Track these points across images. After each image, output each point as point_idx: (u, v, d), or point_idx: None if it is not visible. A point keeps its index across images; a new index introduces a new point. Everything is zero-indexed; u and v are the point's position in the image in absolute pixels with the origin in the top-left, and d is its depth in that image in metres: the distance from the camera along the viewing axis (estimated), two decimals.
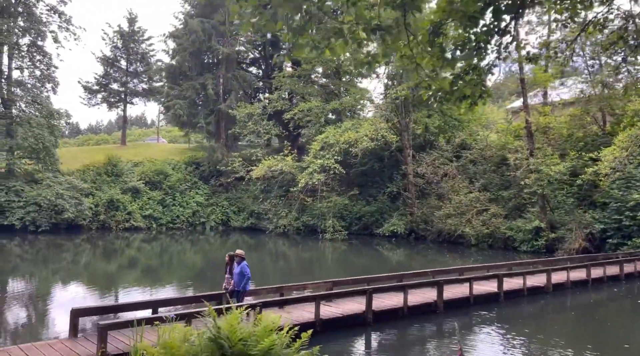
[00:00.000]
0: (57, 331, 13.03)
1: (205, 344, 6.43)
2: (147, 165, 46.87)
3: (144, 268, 28.68)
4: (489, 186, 39.14)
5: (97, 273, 25.91)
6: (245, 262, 12.63)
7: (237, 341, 6.16)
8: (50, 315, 16.38)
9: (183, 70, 48.58)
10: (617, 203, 30.93)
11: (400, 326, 14.16)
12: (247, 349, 6.07)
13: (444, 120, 41.01)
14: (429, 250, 36.46)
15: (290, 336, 6.49)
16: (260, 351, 5.99)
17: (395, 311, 14.36)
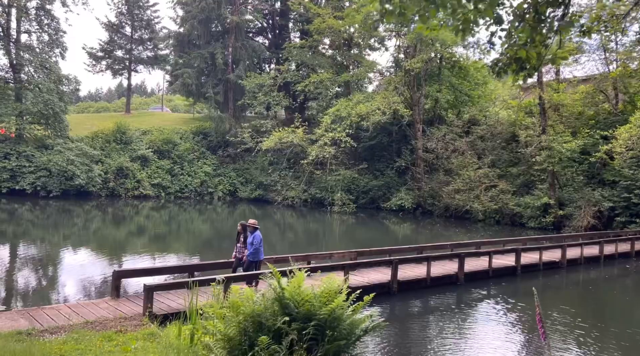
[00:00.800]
0: (73, 294, 13.37)
1: (270, 304, 6.63)
2: (155, 133, 46.81)
3: (153, 235, 29.01)
4: (497, 162, 39.28)
5: (109, 239, 26.23)
6: (258, 231, 12.46)
7: (304, 302, 6.36)
8: (68, 279, 16.68)
9: (191, 38, 47.97)
10: (627, 182, 31.13)
11: (424, 296, 14.49)
12: (314, 310, 6.27)
13: (454, 95, 40.84)
14: (436, 225, 36.78)
15: (352, 300, 6.71)
16: (328, 312, 6.19)
17: (418, 281, 14.65)
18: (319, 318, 6.15)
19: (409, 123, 39.51)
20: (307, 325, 6.16)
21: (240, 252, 12.65)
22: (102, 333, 8.56)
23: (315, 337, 6.20)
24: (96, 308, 10.14)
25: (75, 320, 9.30)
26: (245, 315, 6.53)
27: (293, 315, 6.35)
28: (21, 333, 8.45)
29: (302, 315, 6.30)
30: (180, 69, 46.88)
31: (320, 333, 6.15)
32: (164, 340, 8.25)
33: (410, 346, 10.51)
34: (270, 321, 6.47)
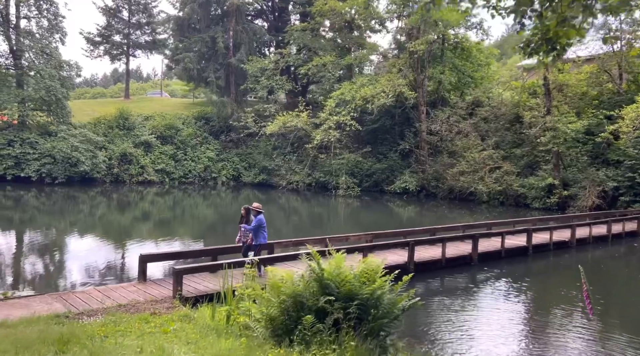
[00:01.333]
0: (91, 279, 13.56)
1: (310, 284, 6.78)
2: (157, 119, 46.70)
3: (159, 221, 29.22)
4: (501, 144, 39.38)
5: (118, 226, 26.46)
6: (262, 215, 12.21)
7: (345, 283, 6.51)
8: (85, 264, 16.87)
9: (192, 22, 47.54)
10: (632, 161, 31.31)
11: (439, 276, 14.73)
12: (355, 290, 6.42)
13: (458, 76, 40.77)
14: (440, 207, 37.02)
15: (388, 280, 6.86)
16: (370, 291, 6.34)
17: (434, 262, 14.86)
18: (361, 297, 6.31)
19: (412, 105, 39.46)
20: (350, 304, 6.32)
21: (245, 235, 12.53)
22: (137, 316, 8.73)
23: (357, 316, 6.36)
24: (126, 292, 10.31)
25: (108, 303, 9.47)
26: (286, 295, 6.69)
27: (334, 295, 6.50)
28: (59, 316, 8.61)
29: (344, 294, 6.46)
30: (181, 54, 46.54)
31: (363, 312, 6.31)
32: (199, 321, 8.43)
33: (431, 323, 10.77)
34: (310, 301, 6.63)
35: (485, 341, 9.88)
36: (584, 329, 10.66)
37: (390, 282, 6.86)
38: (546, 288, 14.83)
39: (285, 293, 6.69)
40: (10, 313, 8.64)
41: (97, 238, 21.97)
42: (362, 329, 6.26)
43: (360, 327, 6.32)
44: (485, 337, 10.11)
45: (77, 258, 17.06)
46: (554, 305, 12.54)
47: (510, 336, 10.36)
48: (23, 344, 6.75)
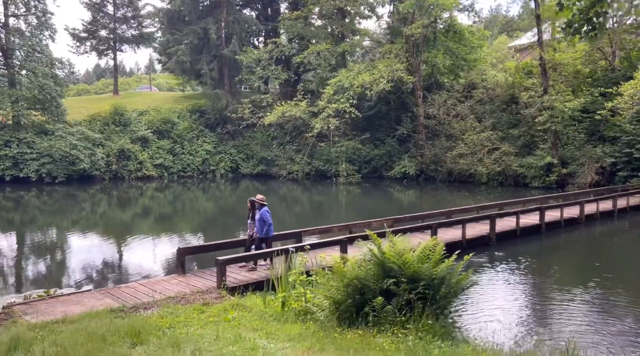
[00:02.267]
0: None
1: (372, 268, 7.02)
2: (152, 114, 46.42)
3: (162, 216, 29.38)
4: (497, 125, 39.82)
5: (123, 222, 26.49)
6: (266, 207, 11.92)
7: (409, 265, 6.75)
8: (112, 260, 17.00)
9: (182, 14, 47.11)
10: (629, 137, 31.91)
11: (461, 256, 15.05)
12: (420, 271, 6.67)
13: (452, 60, 41.01)
14: (440, 190, 37.46)
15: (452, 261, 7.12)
16: (436, 272, 6.60)
17: (455, 244, 15.15)
18: (429, 278, 6.56)
19: (409, 90, 39.67)
20: (417, 285, 6.56)
21: (251, 229, 12.23)
22: (190, 306, 8.92)
23: (423, 296, 6.61)
24: (170, 285, 10.49)
25: (157, 297, 9.64)
26: (350, 279, 6.91)
27: (399, 277, 6.74)
28: (114, 310, 8.78)
29: (409, 276, 6.69)
30: (173, 47, 46.16)
31: (431, 292, 6.56)
32: (254, 309, 8.64)
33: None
34: (373, 284, 6.86)
35: (516, 311, 10.31)
36: (600, 300, 11.14)
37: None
38: (564, 263, 15.27)
39: (349, 277, 6.92)
40: (66, 309, 8.79)
41: (107, 235, 22.01)
42: (433, 308, 6.52)
43: (430, 306, 6.57)
44: (516, 309, 10.54)
45: (98, 256, 17.19)
46: (576, 279, 12.97)
47: (538, 306, 10.78)
48: (97, 337, 6.92)
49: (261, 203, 11.90)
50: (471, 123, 39.21)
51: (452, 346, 5.73)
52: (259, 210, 11.81)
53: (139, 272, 14.01)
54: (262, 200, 12.00)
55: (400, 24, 41.15)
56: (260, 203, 11.90)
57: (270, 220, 11.80)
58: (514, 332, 8.36)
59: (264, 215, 11.70)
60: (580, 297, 11.46)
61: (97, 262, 16.24)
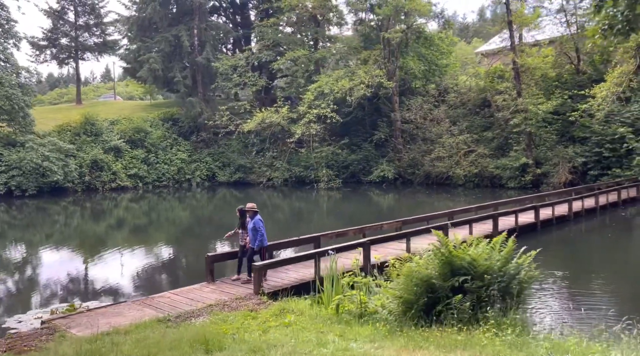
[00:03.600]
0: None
1: (439, 266, 7.14)
2: (124, 123, 45.37)
3: (141, 227, 28.68)
4: (471, 128, 40.86)
5: (107, 235, 25.74)
6: (258, 216, 11.29)
7: (479, 262, 6.90)
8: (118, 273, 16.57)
9: (153, 21, 46.31)
10: (598, 137, 33.36)
11: None
12: (492, 267, 6.82)
13: (426, 65, 41.90)
14: (419, 193, 38.10)
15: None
16: (512, 267, 6.77)
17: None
18: (500, 274, 6.72)
19: (385, 96, 40.26)
20: (490, 282, 6.72)
21: (242, 238, 11.58)
22: (238, 313, 8.81)
23: (498, 292, 6.77)
24: (203, 293, 10.33)
25: (197, 305, 9.47)
26: (419, 279, 7.01)
27: (470, 275, 6.88)
28: (161, 320, 8.59)
29: (480, 273, 6.84)
30: (144, 54, 45.28)
31: (505, 288, 6.73)
32: (305, 312, 8.61)
33: None
34: (443, 282, 6.98)
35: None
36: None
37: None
38: (567, 258, 15.87)
39: (418, 277, 7.01)
40: (110, 321, 8.53)
41: (82, 249, 21.39)
42: (507, 303, 6.69)
43: (504, 302, 6.74)
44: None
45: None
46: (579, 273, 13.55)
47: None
48: (164, 346, 6.78)
49: (253, 211, 11.33)
50: (447, 127, 40.09)
51: (551, 340, 5.87)
52: (252, 218, 11.24)
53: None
54: (254, 208, 11.42)
55: (371, 30, 41.70)
56: (252, 211, 11.34)
57: (263, 229, 11.20)
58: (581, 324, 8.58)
59: (257, 224, 11.07)
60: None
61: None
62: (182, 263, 19.02)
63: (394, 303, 7.23)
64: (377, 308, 7.60)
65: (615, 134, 32.10)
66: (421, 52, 42.19)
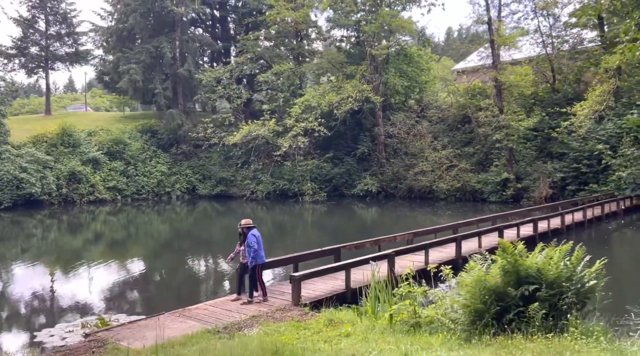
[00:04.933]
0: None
1: (504, 275, 7.26)
2: (102, 134, 44.36)
3: (117, 241, 27.87)
4: (452, 143, 41.72)
5: (84, 249, 25.07)
6: (253, 230, 10.81)
7: (549, 271, 7.04)
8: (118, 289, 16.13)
9: (134, 32, 45.71)
10: (576, 153, 34.55)
11: None
12: (564, 275, 6.97)
13: (407, 81, 42.71)
14: (402, 207, 38.52)
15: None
16: (581, 274, 6.94)
17: (474, 254, 15.74)
18: (571, 282, 6.88)
19: (369, 110, 40.76)
20: (562, 290, 6.86)
21: (243, 256, 11.07)
22: (288, 323, 8.72)
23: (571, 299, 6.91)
24: (238, 304, 10.19)
25: (240, 316, 9.32)
26: (488, 288, 7.11)
27: (539, 283, 7.02)
28: (211, 331, 8.44)
29: (550, 281, 6.98)
30: (125, 65, 44.54)
31: (577, 296, 6.89)
32: (357, 323, 8.59)
33: None
34: (512, 291, 7.09)
35: None
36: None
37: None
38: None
39: (487, 286, 7.10)
40: (157, 333, 8.29)
41: (61, 264, 20.73)
42: (583, 311, 6.84)
43: (576, 309, 6.89)
44: None
45: (104, 284, 16.31)
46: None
47: None
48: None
49: (248, 227, 10.88)
50: (429, 141, 40.82)
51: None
52: (248, 233, 10.76)
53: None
54: (248, 223, 10.98)
55: (353, 46, 42.32)
56: (247, 227, 10.88)
57: (256, 245, 10.60)
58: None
59: (250, 239, 10.61)
60: None
61: (111, 289, 15.41)
62: (160, 278, 18.59)
63: (461, 312, 7.29)
64: (433, 318, 7.65)
65: (593, 151, 33.34)
66: (403, 69, 42.97)
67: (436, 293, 8.34)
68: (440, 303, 8.13)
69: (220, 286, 16.45)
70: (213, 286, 16.73)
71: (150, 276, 18.40)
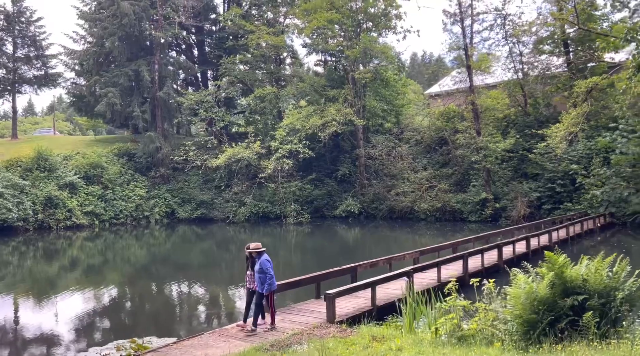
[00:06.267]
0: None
1: (552, 286, 7.68)
2: (79, 158, 43.49)
3: (93, 267, 27.13)
4: (430, 165, 42.79)
5: (58, 277, 24.36)
6: (265, 256, 10.30)
7: (598, 281, 7.50)
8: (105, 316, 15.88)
9: (113, 55, 45.40)
10: (550, 174, 35.99)
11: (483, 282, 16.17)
12: (612, 285, 7.43)
13: (386, 105, 43.78)
14: (383, 227, 39.06)
15: None
16: (630, 283, 7.41)
17: (477, 272, 16.25)
18: (619, 291, 7.35)
19: (350, 132, 41.49)
20: (610, 299, 7.32)
21: (251, 281, 10.52)
22: (333, 340, 8.89)
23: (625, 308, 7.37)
24: (265, 326, 10.27)
25: (281, 335, 9.42)
26: (539, 300, 7.51)
27: (586, 293, 7.47)
28: (259, 349, 8.54)
29: (599, 291, 7.44)
30: (103, 88, 44.02)
31: (626, 304, 7.35)
32: (403, 338, 8.83)
33: None
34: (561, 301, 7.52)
35: None
36: None
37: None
38: None
39: (538, 298, 7.50)
40: (207, 352, 8.40)
41: (35, 292, 20.29)
42: (633, 318, 7.30)
43: (626, 317, 7.34)
44: None
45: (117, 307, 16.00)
46: None
47: None
48: None
49: (258, 251, 10.31)
50: (409, 162, 41.74)
51: None
52: (258, 259, 10.23)
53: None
54: (258, 247, 10.38)
55: (332, 71, 43.19)
56: (257, 251, 10.32)
57: (271, 270, 10.12)
58: None
59: (264, 265, 10.03)
60: None
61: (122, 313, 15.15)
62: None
63: (513, 323, 7.65)
64: (476, 330, 7.99)
65: (567, 171, 34.83)
66: (381, 93, 44.05)
67: (480, 305, 8.67)
68: (483, 316, 8.45)
69: (199, 313, 16.22)
70: (192, 313, 16.41)
71: (122, 304, 17.83)
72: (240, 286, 18.88)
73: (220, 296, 18.71)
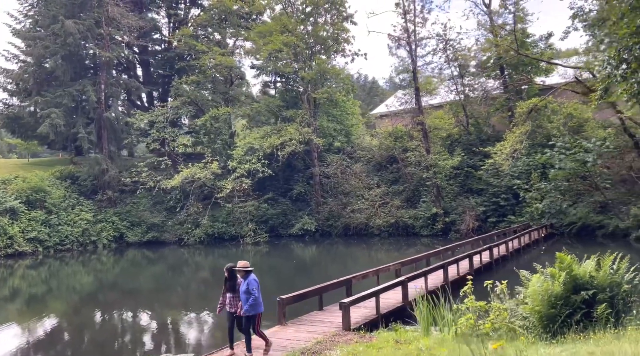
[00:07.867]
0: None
1: (563, 283, 8.55)
2: (18, 182, 41.24)
3: (35, 297, 25.81)
4: (382, 181, 44.16)
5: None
6: (253, 275, 9.65)
7: (603, 277, 8.42)
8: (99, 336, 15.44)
9: (57, 75, 43.67)
10: (494, 189, 38.23)
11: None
12: (616, 280, 8.37)
13: (339, 125, 44.90)
14: (338, 244, 39.74)
15: None
16: (630, 277, 8.38)
17: (457, 280, 17.15)
18: (622, 285, 8.30)
19: (304, 151, 42.12)
20: (616, 292, 8.26)
21: (233, 304, 9.80)
22: (358, 345, 9.31)
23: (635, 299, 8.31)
24: (289, 333, 10.57)
25: (305, 344, 9.70)
26: (555, 295, 8.34)
27: (597, 289, 8.38)
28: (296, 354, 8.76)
29: (606, 285, 8.37)
30: (45, 109, 42.12)
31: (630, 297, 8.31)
32: (427, 339, 9.38)
33: None
34: (573, 296, 8.39)
35: None
36: None
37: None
38: None
39: (554, 294, 8.32)
40: None
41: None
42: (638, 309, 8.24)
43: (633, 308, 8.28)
44: None
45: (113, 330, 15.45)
46: None
47: None
48: None
49: (245, 270, 9.62)
50: (362, 181, 42.90)
51: None
52: (244, 279, 9.56)
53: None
54: (246, 266, 9.67)
55: (286, 91, 43.87)
56: (244, 271, 9.62)
57: (256, 291, 9.46)
58: None
59: (251, 284, 9.40)
60: None
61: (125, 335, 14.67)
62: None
63: (532, 319, 8.41)
64: (492, 327, 8.69)
65: (510, 186, 37.15)
66: (332, 113, 45.16)
67: (495, 305, 9.38)
68: (497, 314, 9.17)
69: (146, 341, 15.78)
70: (138, 341, 15.90)
71: (63, 335, 17.18)
72: (201, 311, 18.69)
73: (174, 322, 18.19)
